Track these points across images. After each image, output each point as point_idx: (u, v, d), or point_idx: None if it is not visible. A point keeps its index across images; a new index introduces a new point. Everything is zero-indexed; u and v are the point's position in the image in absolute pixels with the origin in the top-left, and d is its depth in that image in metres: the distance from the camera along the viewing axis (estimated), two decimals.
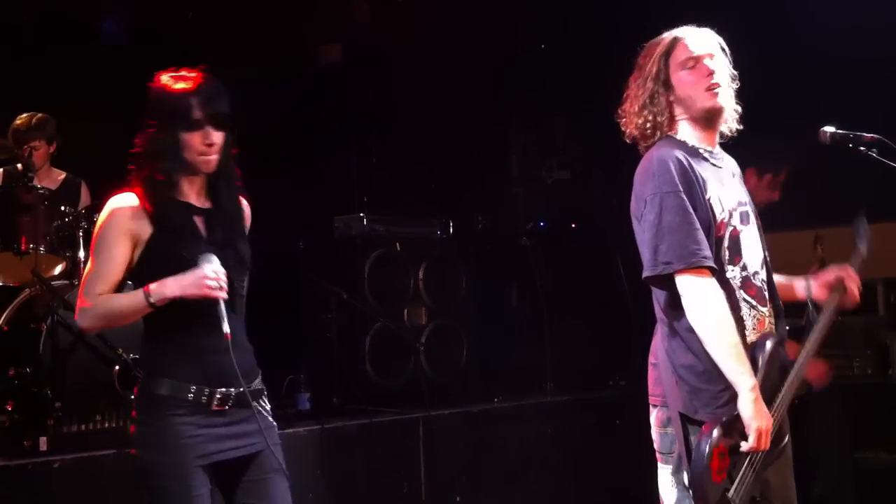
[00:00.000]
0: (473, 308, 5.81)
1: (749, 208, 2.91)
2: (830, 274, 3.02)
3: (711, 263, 2.69)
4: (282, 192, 5.80)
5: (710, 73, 2.86)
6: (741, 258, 2.81)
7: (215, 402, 2.64)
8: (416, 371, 5.37)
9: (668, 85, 2.88)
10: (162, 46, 5.96)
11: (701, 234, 2.71)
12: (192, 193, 2.72)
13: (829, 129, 3.64)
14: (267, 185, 5.48)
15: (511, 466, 5.10)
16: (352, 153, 6.11)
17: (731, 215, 2.82)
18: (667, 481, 2.87)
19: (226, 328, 2.56)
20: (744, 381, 2.65)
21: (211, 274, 2.56)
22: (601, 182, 7.11)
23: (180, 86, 2.65)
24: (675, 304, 2.75)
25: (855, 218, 3.18)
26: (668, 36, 2.93)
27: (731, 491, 2.68)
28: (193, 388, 2.62)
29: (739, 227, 2.84)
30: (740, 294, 2.80)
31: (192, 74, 2.70)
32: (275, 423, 2.86)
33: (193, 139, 2.64)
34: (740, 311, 2.79)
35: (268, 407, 2.83)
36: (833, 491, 4.84)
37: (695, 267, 2.68)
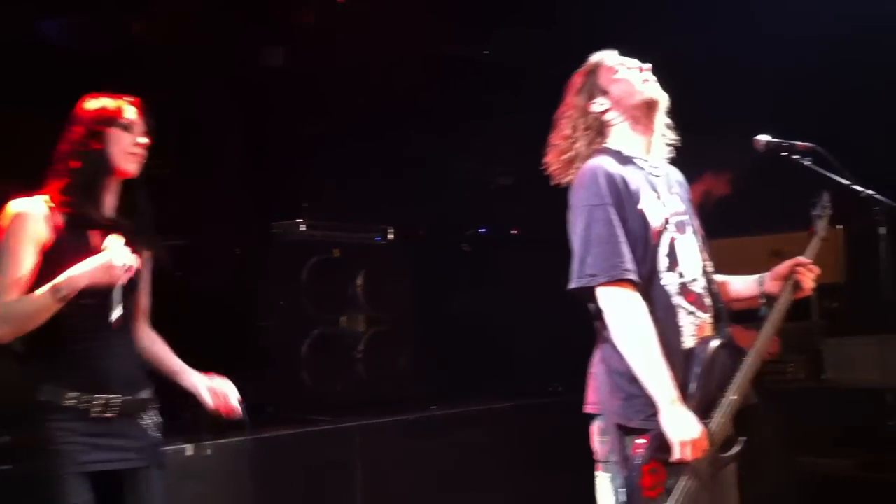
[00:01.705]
0: (414, 315, 5.76)
1: (687, 217, 2.91)
2: (783, 266, 2.98)
3: (634, 277, 2.71)
4: (218, 196, 5.70)
5: (643, 70, 2.92)
6: (678, 265, 2.81)
7: (95, 410, 2.58)
8: (354, 379, 5.31)
9: (597, 92, 2.94)
10: (103, 48, 5.82)
11: (626, 248, 2.73)
12: (108, 206, 2.76)
13: (764, 137, 3.63)
14: (203, 189, 5.43)
15: (450, 475, 5.05)
16: (292, 158, 6.00)
17: (667, 223, 2.83)
18: (605, 490, 2.84)
19: (115, 314, 2.54)
20: (662, 395, 2.65)
21: (118, 259, 2.55)
22: (544, 188, 7.12)
23: (116, 102, 2.79)
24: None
25: (816, 198, 3.12)
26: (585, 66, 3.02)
27: None
28: (73, 394, 2.57)
29: (676, 235, 2.84)
30: (677, 300, 2.80)
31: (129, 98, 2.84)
32: (161, 441, 2.81)
33: (124, 137, 2.73)
34: (677, 317, 2.79)
35: (158, 420, 2.79)
36: (773, 496, 4.86)
37: (616, 280, 2.69)
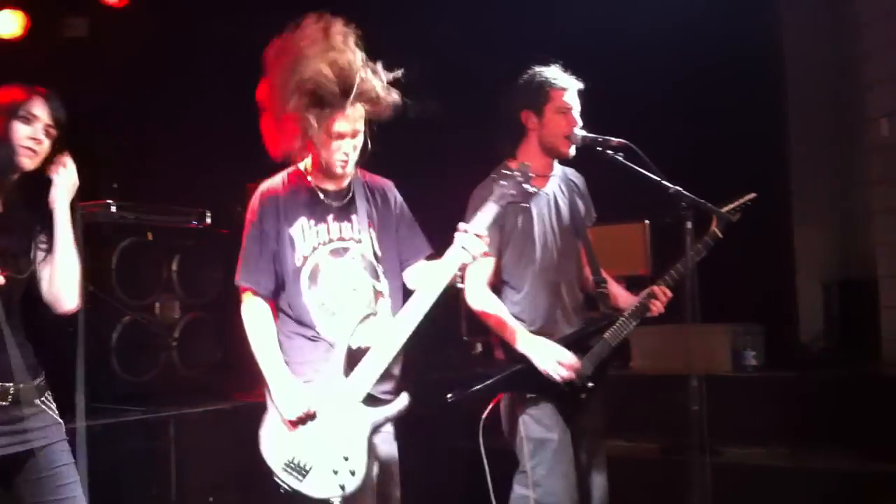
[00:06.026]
0: (230, 301, 5.62)
1: (350, 244, 3.36)
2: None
3: (255, 287, 3.42)
4: None
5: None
6: (317, 286, 3.31)
7: None
8: (168, 367, 5.15)
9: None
10: None
11: (262, 262, 3.39)
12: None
13: (581, 132, 3.75)
14: None
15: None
16: (98, 135, 5.71)
17: (314, 250, 3.33)
18: None
19: None
20: (270, 377, 3.29)
21: None
22: None
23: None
24: None
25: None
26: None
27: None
28: None
29: (325, 259, 3.33)
30: (316, 316, 3.33)
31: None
32: (60, 421, 3.00)
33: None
34: (315, 328, 3.33)
35: (53, 406, 2.99)
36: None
37: (244, 287, 3.44)
